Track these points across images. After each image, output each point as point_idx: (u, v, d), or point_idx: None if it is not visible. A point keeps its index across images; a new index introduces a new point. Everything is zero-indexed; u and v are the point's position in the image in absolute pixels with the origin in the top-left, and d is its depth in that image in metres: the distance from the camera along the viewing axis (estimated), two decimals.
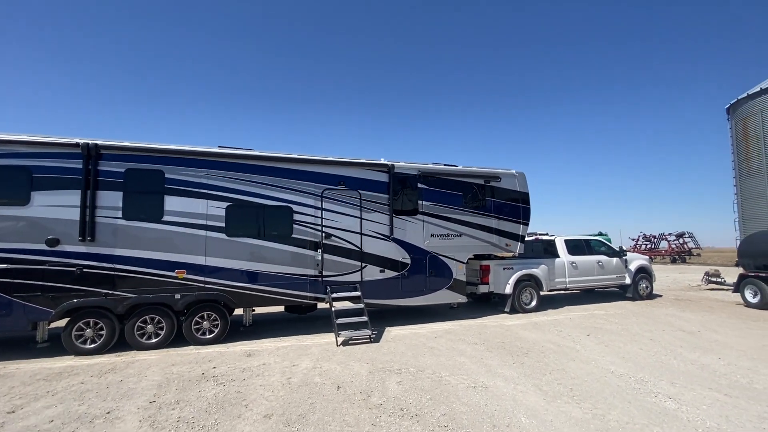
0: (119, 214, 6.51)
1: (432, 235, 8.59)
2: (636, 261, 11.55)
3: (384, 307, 8.11)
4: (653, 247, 37.09)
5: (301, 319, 8.74)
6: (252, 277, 7.12)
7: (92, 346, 6.26)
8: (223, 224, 7.05)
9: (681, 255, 34.12)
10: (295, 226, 7.50)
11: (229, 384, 4.81)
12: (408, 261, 8.29)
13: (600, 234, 26.67)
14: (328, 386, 4.70)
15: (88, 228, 6.27)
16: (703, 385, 4.70)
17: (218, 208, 7.07)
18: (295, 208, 7.54)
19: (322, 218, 7.71)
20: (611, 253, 11.23)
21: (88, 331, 6.26)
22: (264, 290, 7.17)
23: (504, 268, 9.50)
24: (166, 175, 6.84)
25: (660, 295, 12.28)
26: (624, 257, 11.27)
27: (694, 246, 35.03)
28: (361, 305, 7.34)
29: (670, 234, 35.77)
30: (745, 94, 17.17)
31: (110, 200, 6.49)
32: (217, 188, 7.11)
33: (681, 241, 34.93)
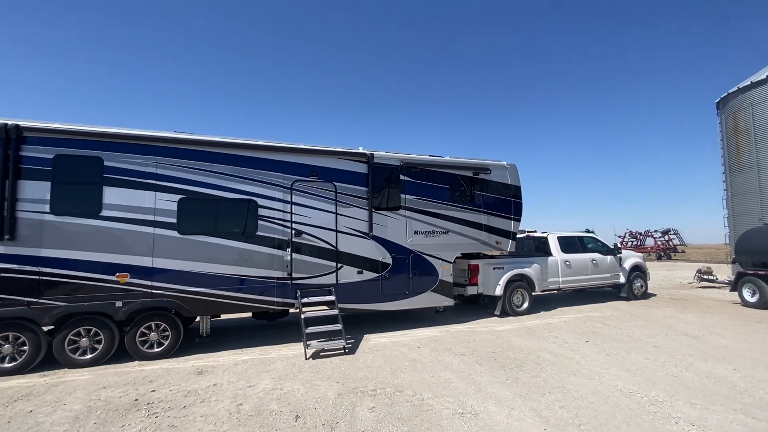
0: (46, 208, 5.52)
1: (416, 233, 7.79)
2: (631, 259, 10.99)
3: (362, 312, 7.29)
4: (639, 244, 37.18)
5: (271, 326, 7.86)
6: (209, 280, 6.20)
7: (11, 365, 5.26)
8: (174, 220, 6.11)
9: (666, 252, 34.22)
10: (260, 222, 6.60)
11: (164, 414, 3.93)
12: (389, 261, 7.48)
13: (587, 231, 26.35)
14: (285, 416, 3.86)
15: (6, 224, 5.27)
16: (726, 405, 4.03)
17: (169, 202, 6.12)
18: (260, 201, 6.64)
19: (291, 213, 6.83)
20: (605, 250, 10.64)
21: (6, 347, 5.26)
22: (223, 295, 6.27)
23: (494, 268, 8.78)
24: (106, 163, 5.86)
25: (654, 294, 11.77)
26: (619, 255, 10.70)
27: (679, 243, 35.22)
28: (336, 311, 6.50)
29: (655, 231, 35.89)
30: (735, 88, 16.83)
31: (35, 192, 5.49)
32: (167, 178, 6.15)
33: (666, 238, 35.06)
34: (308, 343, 5.98)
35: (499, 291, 8.64)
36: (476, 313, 9.12)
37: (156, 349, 5.93)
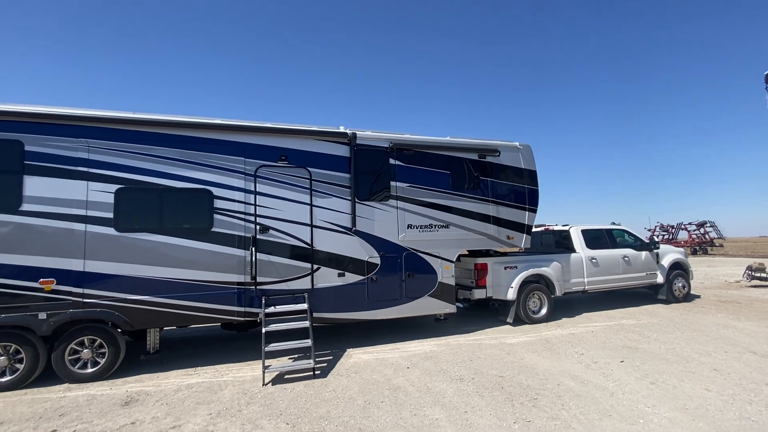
0: None
1: (410, 227, 6.55)
2: (670, 255, 9.39)
3: (344, 322, 6.12)
4: (671, 237, 34.54)
5: (241, 337, 6.80)
6: (153, 286, 5.17)
7: None
8: (111, 215, 5.10)
9: (703, 246, 31.57)
10: (216, 216, 5.52)
11: None
12: (377, 261, 6.28)
13: (613, 224, 24.33)
14: None
15: None
16: None
17: (104, 193, 5.11)
18: (216, 191, 5.56)
19: (255, 205, 5.72)
20: (639, 245, 9.10)
21: None
22: (171, 304, 5.22)
23: (505, 267, 7.45)
24: (27, 148, 4.89)
25: (698, 296, 10.11)
26: (655, 251, 9.13)
27: (716, 236, 32.46)
28: (306, 323, 5.36)
29: (690, 223, 33.23)
30: None
31: None
32: (102, 165, 5.14)
33: (702, 230, 32.37)
34: (268, 364, 4.88)
35: (511, 294, 7.30)
36: (485, 320, 7.81)
37: (90, 370, 4.94)
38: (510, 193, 7.43)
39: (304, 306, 5.57)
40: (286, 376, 4.89)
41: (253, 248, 5.61)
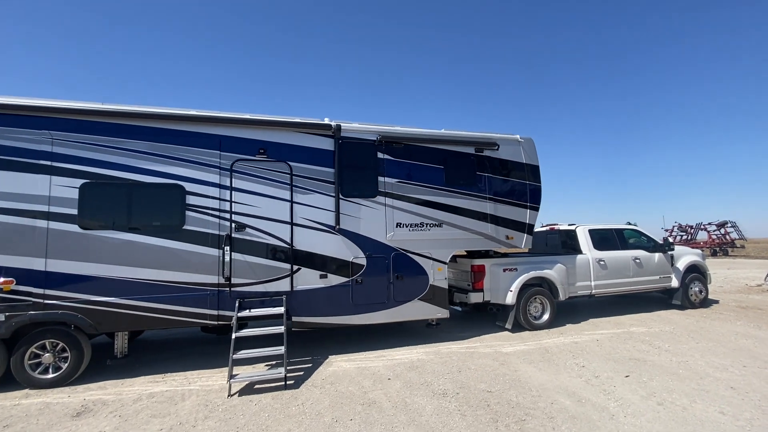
0: None
1: (399, 225, 6.12)
2: (686, 257, 8.74)
3: (326, 327, 5.73)
4: (690, 238, 33.22)
5: (221, 341, 6.48)
6: (120, 288, 4.87)
7: None
8: (75, 211, 4.82)
9: (723, 247, 30.25)
10: (188, 213, 5.19)
11: None
12: (363, 261, 5.87)
13: (629, 224, 23.38)
14: None
15: None
16: None
17: (68, 188, 4.83)
18: (189, 187, 5.23)
19: (231, 202, 5.37)
20: (652, 246, 8.47)
21: None
22: (138, 307, 4.92)
23: (504, 269, 6.96)
24: None
25: (716, 301, 9.42)
26: (670, 252, 8.50)
27: (738, 237, 31.06)
28: (281, 328, 4.98)
29: (710, 223, 31.86)
30: None
31: None
32: (67, 158, 4.86)
33: (723, 231, 31.01)
34: (236, 373, 4.53)
35: (510, 299, 6.81)
36: (482, 325, 7.34)
37: (51, 375, 4.67)
38: (510, 190, 6.93)
39: (281, 309, 5.20)
40: (256, 386, 4.53)
41: (228, 247, 5.26)
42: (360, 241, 5.89)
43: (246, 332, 4.88)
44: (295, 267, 5.55)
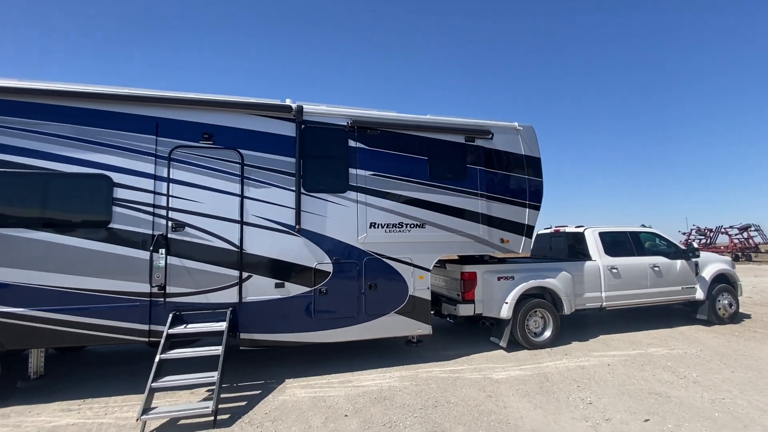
0: None
1: (373, 226, 5.22)
2: (713, 265, 7.63)
3: (283, 345, 4.85)
4: (709, 242, 31.48)
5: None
6: (31, 297, 4.07)
7: None
8: None
9: (745, 252, 28.52)
10: (116, 208, 4.37)
11: None
12: (328, 268, 4.98)
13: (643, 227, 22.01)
14: None
15: None
16: None
17: None
18: (117, 177, 4.41)
19: (168, 196, 4.54)
20: (673, 252, 7.41)
21: None
22: (54, 320, 4.11)
23: (499, 278, 6.00)
24: None
25: (748, 315, 8.27)
26: (694, 259, 7.41)
27: (762, 241, 29.31)
28: (217, 349, 4.12)
29: (731, 227, 30.12)
30: None
31: None
32: None
33: (746, 235, 29.28)
34: (154, 406, 3.67)
35: (506, 312, 5.85)
36: (474, 341, 6.38)
37: None
38: (506, 186, 5.97)
39: (221, 326, 4.33)
40: (180, 422, 3.68)
41: (163, 250, 4.43)
42: (325, 243, 5.00)
43: (173, 354, 4.02)
44: (245, 274, 4.69)
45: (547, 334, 6.09)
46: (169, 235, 4.48)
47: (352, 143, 5.26)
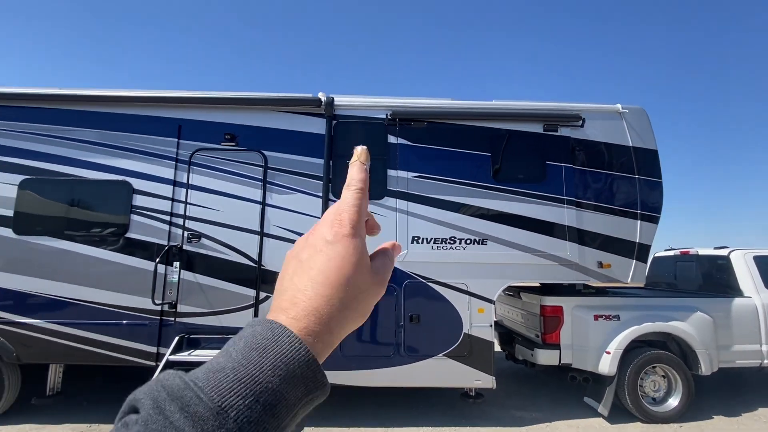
0: None
1: (416, 240, 4.14)
2: None
3: None
4: None
5: None
6: (51, 308, 3.90)
7: None
8: (11, 212, 4.05)
9: None
10: (134, 217, 4.06)
11: None
12: None
13: None
14: None
15: None
16: None
17: (6, 185, 4.09)
18: (137, 184, 4.12)
19: (186, 203, 4.11)
20: None
21: None
22: (70, 335, 3.87)
23: (597, 316, 4.36)
24: None
25: None
26: None
27: None
28: None
29: None
30: None
31: None
32: (8, 151, 4.15)
33: None
34: None
35: (607, 366, 4.17)
36: (560, 399, 4.76)
37: None
38: (604, 189, 4.39)
39: None
40: None
41: (178, 263, 3.97)
42: None
43: None
44: (263, 294, 3.99)
45: (673, 401, 4.22)
46: (184, 247, 4.01)
47: (392, 139, 4.31)
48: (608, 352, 4.22)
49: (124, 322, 3.89)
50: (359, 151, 0.46)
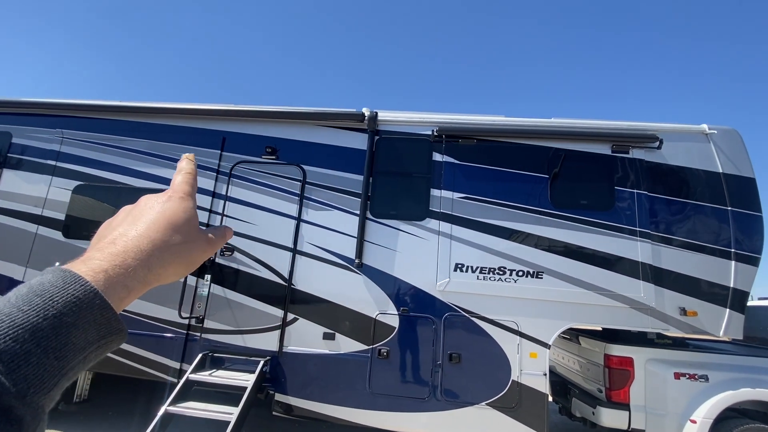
0: None
1: (460, 268, 3.71)
2: None
3: (326, 420, 3.61)
4: None
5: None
6: None
7: None
8: (62, 216, 4.20)
9: None
10: None
11: None
12: (393, 321, 3.65)
13: None
14: None
15: None
16: None
17: (61, 190, 4.28)
18: None
19: (223, 215, 4.03)
20: None
21: None
22: None
23: (679, 375, 3.60)
24: (14, 140, 4.51)
25: None
26: None
27: None
28: (230, 415, 3.11)
29: None
30: None
31: None
32: (69, 158, 4.37)
33: None
34: None
35: None
36: None
37: None
38: (688, 222, 3.72)
39: (246, 381, 3.36)
40: None
41: (209, 276, 3.85)
42: (391, 286, 3.72)
43: (180, 408, 3.20)
44: (291, 315, 3.73)
45: None
46: (216, 260, 3.90)
47: (437, 157, 4.00)
48: (693, 421, 3.43)
49: (152, 333, 3.80)
50: (187, 154, 0.52)
